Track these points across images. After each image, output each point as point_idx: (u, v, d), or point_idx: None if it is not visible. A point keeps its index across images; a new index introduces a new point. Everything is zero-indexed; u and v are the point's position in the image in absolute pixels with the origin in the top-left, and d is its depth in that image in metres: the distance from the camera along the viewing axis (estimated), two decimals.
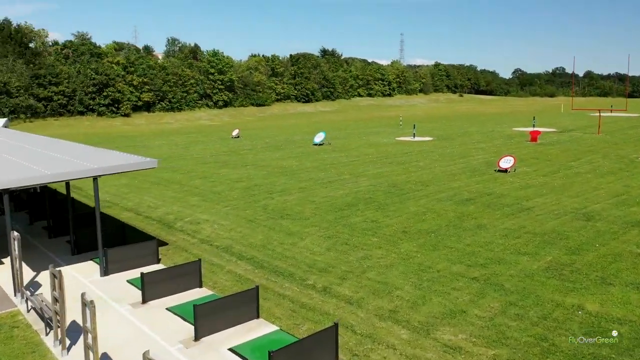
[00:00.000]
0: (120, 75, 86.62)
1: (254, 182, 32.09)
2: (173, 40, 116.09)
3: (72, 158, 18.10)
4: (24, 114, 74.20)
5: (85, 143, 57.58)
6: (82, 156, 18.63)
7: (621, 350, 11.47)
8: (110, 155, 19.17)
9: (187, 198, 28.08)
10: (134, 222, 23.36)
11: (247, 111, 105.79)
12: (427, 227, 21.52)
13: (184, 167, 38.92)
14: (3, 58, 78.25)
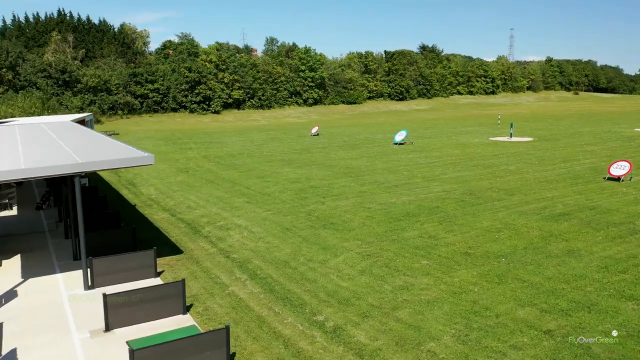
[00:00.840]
0: (212, 73, 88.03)
1: (311, 184, 28.86)
2: (271, 39, 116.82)
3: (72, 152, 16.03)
4: (122, 110, 77.74)
5: (168, 138, 58.37)
6: (84, 150, 16.53)
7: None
8: (110, 151, 16.87)
9: (232, 199, 25.55)
10: (163, 225, 21.15)
11: (336, 109, 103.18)
12: (498, 248, 16.83)
13: (246, 164, 36.75)
14: (106, 57, 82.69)
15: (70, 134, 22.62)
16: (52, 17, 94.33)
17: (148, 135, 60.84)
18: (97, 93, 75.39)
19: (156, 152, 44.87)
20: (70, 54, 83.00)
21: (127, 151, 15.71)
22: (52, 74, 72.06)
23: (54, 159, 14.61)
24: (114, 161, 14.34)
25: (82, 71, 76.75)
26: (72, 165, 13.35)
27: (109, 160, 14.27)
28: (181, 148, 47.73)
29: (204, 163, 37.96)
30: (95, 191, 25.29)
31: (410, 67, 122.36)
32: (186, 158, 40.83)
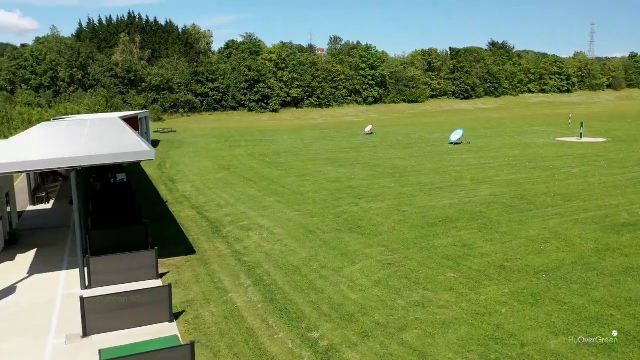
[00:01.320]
0: (272, 71, 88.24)
1: (349, 184, 27.38)
2: (335, 38, 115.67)
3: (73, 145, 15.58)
4: (183, 108, 79.61)
5: (222, 136, 58.71)
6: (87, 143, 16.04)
7: None
8: (114, 146, 16.24)
9: (264, 198, 24.58)
10: (187, 223, 20.49)
11: (397, 108, 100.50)
12: (540, 262, 14.66)
13: (289, 163, 35.80)
14: (170, 57, 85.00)
15: (101, 129, 22.49)
16: (122, 19, 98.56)
17: (204, 133, 61.61)
18: (159, 92, 77.61)
19: (205, 149, 45.04)
20: (137, 54, 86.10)
21: (130, 147, 14.97)
22: (118, 73, 74.96)
23: (50, 153, 14.14)
24: (107, 156, 13.63)
25: (147, 70, 79.30)
26: (59, 160, 12.75)
27: (100, 155, 13.55)
28: (230, 145, 47.66)
29: (248, 161, 37.43)
30: (128, 187, 25.20)
31: (477, 65, 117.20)
32: (232, 155, 40.54)
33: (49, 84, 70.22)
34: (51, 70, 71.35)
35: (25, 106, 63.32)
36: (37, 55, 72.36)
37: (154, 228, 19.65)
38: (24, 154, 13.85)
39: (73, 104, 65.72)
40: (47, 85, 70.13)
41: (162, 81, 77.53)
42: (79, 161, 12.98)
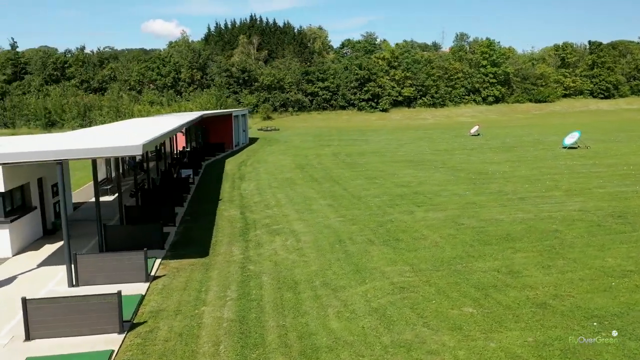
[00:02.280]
0: (384, 70, 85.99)
1: (417, 189, 24.66)
2: (462, 35, 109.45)
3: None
4: (292, 107, 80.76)
5: (320, 135, 58.08)
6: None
7: None
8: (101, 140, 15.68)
9: (317, 200, 22.97)
10: (222, 223, 19.62)
11: (520, 108, 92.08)
12: (601, 304, 11.17)
13: (368, 164, 33.69)
14: (283, 58, 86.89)
15: (137, 125, 22.62)
16: (245, 22, 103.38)
17: (305, 132, 61.61)
18: (271, 91, 79.58)
19: (295, 147, 44.57)
20: (254, 55, 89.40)
21: (121, 143, 14.25)
22: (233, 73, 78.32)
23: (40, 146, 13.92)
24: (91, 150, 13.02)
25: (260, 70, 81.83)
26: (37, 154, 12.38)
27: (84, 150, 12.96)
28: (321, 144, 46.68)
29: (327, 160, 36.01)
30: (185, 183, 25.23)
31: (622, 60, 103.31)
32: (316, 154, 39.44)
33: (171, 84, 75.63)
34: (174, 71, 76.75)
35: (148, 104, 68.88)
36: (163, 58, 78.35)
37: (188, 227, 19.13)
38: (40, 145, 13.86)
39: (188, 103, 70.01)
40: (170, 85, 75.58)
41: (273, 81, 79.42)
42: (61, 154, 12.54)
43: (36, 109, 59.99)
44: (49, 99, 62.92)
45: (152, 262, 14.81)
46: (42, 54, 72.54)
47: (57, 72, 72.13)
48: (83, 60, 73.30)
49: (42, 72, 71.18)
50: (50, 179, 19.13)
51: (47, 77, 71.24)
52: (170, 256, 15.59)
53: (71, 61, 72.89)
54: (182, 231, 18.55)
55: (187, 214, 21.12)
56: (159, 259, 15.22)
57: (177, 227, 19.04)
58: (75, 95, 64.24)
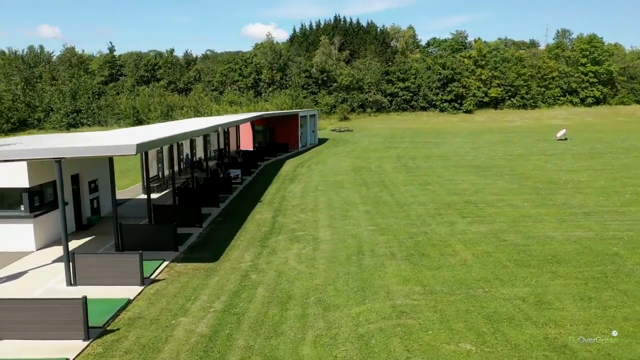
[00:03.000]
0: (470, 69, 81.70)
1: (470, 198, 22.53)
2: (563, 32, 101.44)
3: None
4: (370, 108, 79.21)
5: (392, 136, 56.14)
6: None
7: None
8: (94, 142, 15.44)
9: (356, 206, 21.68)
10: (250, 227, 19.00)
11: (625, 110, 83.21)
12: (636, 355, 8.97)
13: (429, 168, 31.64)
14: (364, 58, 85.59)
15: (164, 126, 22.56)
16: (329, 23, 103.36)
17: (377, 133, 59.99)
18: (349, 91, 78.65)
19: (360, 149, 43.32)
20: (335, 56, 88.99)
21: (116, 142, 13.98)
22: (312, 74, 78.40)
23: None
24: (84, 149, 12.84)
25: (339, 71, 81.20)
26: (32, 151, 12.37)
27: (78, 148, 12.80)
28: (388, 147, 44.96)
29: (387, 163, 34.37)
30: (227, 183, 25.04)
31: None
32: (378, 157, 37.91)
33: (252, 84, 77.34)
34: (255, 72, 78.43)
35: (228, 104, 70.90)
36: (245, 59, 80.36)
37: (214, 229, 18.75)
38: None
39: (265, 103, 71.10)
40: (251, 85, 77.31)
41: (352, 81, 78.47)
42: (58, 153, 12.48)
43: (126, 108, 64.00)
44: (138, 98, 66.87)
45: (156, 264, 14.49)
46: (136, 57, 77.53)
47: (147, 74, 76.66)
48: (171, 62, 77.27)
49: (135, 73, 76.06)
50: (88, 175, 19.63)
51: (139, 78, 75.98)
52: (180, 259, 15.19)
53: (161, 63, 77.16)
54: (206, 233, 18.18)
55: (221, 215, 20.79)
56: (167, 261, 14.86)
57: (204, 228, 18.72)
58: (160, 95, 67.73)
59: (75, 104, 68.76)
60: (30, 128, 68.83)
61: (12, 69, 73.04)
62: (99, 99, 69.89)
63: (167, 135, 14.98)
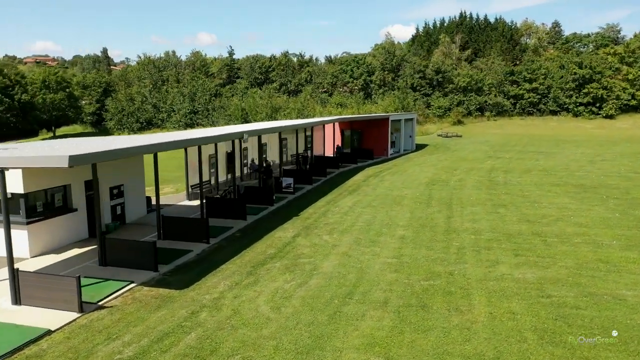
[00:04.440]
0: (613, 68, 70.41)
1: (543, 228, 18.02)
2: None
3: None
4: (490, 111, 72.08)
5: (504, 144, 49.90)
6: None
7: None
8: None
9: (394, 229, 18.48)
10: (261, 247, 16.97)
11: None
12: None
13: (517, 185, 26.72)
14: (486, 57, 78.48)
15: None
16: (454, 20, 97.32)
17: (487, 140, 54.02)
18: (466, 93, 72.54)
19: (457, 158, 38.95)
20: (456, 55, 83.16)
21: (48, 153, 12.59)
22: (426, 74, 73.74)
23: None
24: (19, 159, 11.67)
25: (457, 71, 75.42)
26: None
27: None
28: (490, 156, 39.70)
29: (472, 177, 29.87)
30: (266, 193, 23.25)
31: None
32: (468, 168, 33.35)
33: (362, 86, 75.06)
34: (366, 73, 76.06)
35: (335, 106, 69.53)
36: (357, 60, 78.40)
37: (220, 246, 17.03)
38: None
39: (371, 106, 68.38)
40: (361, 87, 75.07)
41: (470, 82, 72.33)
42: None
43: (235, 110, 65.97)
44: (246, 100, 68.60)
45: (119, 286, 13.10)
46: (252, 60, 79.90)
47: (261, 76, 78.48)
48: (285, 64, 78.19)
49: (249, 76, 78.35)
50: (109, 180, 19.13)
51: (253, 81, 78.09)
52: (152, 282, 13.65)
53: (274, 65, 78.52)
54: (209, 251, 16.53)
55: (242, 231, 19.02)
56: (135, 283, 13.40)
57: (210, 245, 17.09)
58: (270, 96, 68.70)
59: (193, 105, 72.75)
60: (154, 127, 74.44)
61: (144, 72, 79.83)
62: (214, 101, 73.13)
63: (115, 148, 13.40)
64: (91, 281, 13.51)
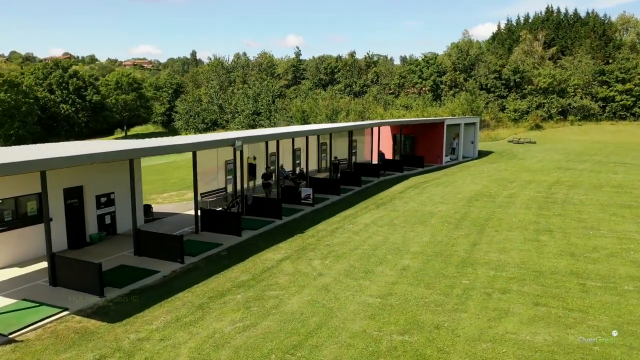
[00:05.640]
0: None
1: (583, 267, 14.38)
2: None
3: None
4: (574, 115, 64.87)
5: (583, 153, 43.97)
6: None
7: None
8: None
9: (402, 256, 15.62)
10: (232, 273, 14.90)
11: None
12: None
13: (579, 207, 22.50)
14: (573, 55, 71.11)
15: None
16: (539, 16, 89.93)
17: (564, 147, 48.20)
18: (547, 95, 65.94)
19: (520, 168, 34.75)
20: (539, 53, 76.38)
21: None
22: (502, 74, 67.98)
23: None
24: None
25: (537, 71, 68.91)
26: None
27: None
28: (558, 167, 34.81)
29: (527, 192, 25.81)
30: (273, 206, 21.08)
31: None
32: (527, 181, 29.12)
33: (431, 87, 70.81)
34: (436, 73, 71.72)
35: (401, 108, 66.11)
36: (428, 60, 74.22)
37: (194, 268, 15.15)
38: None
39: (438, 108, 64.12)
40: (430, 88, 70.87)
41: (552, 83, 65.72)
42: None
43: (296, 111, 64.64)
44: (307, 101, 67.05)
45: (48, 313, 11.55)
46: (317, 61, 78.22)
47: (326, 77, 76.59)
48: (351, 64, 75.75)
49: (315, 77, 76.76)
50: (96, 188, 17.93)
51: (317, 82, 76.40)
52: (88, 310, 11.99)
53: (340, 66, 76.29)
54: (178, 272, 14.71)
55: (229, 249, 17.03)
56: (67, 311, 11.79)
57: (184, 265, 15.27)
58: (332, 97, 66.67)
59: (256, 106, 72.47)
60: (219, 128, 75.10)
61: (212, 74, 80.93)
62: (278, 102, 72.38)
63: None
64: (25, 305, 12.13)
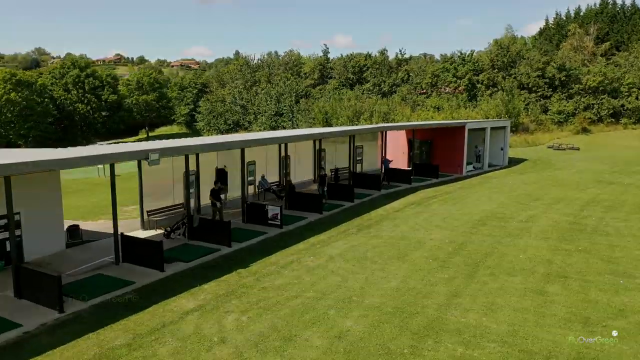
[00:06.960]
0: None
1: (629, 351, 9.79)
2: None
3: None
4: (628, 118, 57.73)
5: (630, 162, 37.67)
6: None
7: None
8: None
9: (345, 316, 11.55)
10: (101, 336, 11.25)
11: None
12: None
13: (614, 237, 17.53)
14: (629, 51, 63.67)
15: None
16: (592, 8, 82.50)
17: (610, 155, 41.98)
18: (597, 95, 59.05)
19: (549, 179, 29.59)
20: (590, 49, 69.34)
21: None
22: (546, 72, 61.50)
23: None
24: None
25: (585, 69, 62.04)
26: None
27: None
28: (599, 180, 29.33)
29: (553, 213, 20.89)
30: (222, 227, 17.37)
31: None
32: (557, 198, 24.09)
33: (466, 86, 65.12)
34: (472, 71, 65.97)
35: (431, 109, 61.06)
36: (463, 57, 68.60)
37: (88, 316, 11.65)
38: None
39: (470, 110, 58.61)
40: (465, 87, 65.18)
41: (603, 81, 58.84)
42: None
43: (318, 112, 60.82)
44: (329, 102, 63.12)
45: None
46: (345, 59, 73.94)
47: (354, 76, 72.16)
48: (381, 63, 70.96)
49: (342, 76, 72.48)
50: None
51: (344, 81, 72.07)
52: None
53: (369, 64, 71.67)
54: (44, 328, 11.24)
55: (140, 290, 13.45)
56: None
57: (61, 316, 11.78)
58: (356, 98, 62.37)
59: (278, 107, 69.09)
60: (241, 129, 72.18)
61: (237, 73, 78.20)
62: (302, 102, 68.74)
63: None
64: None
